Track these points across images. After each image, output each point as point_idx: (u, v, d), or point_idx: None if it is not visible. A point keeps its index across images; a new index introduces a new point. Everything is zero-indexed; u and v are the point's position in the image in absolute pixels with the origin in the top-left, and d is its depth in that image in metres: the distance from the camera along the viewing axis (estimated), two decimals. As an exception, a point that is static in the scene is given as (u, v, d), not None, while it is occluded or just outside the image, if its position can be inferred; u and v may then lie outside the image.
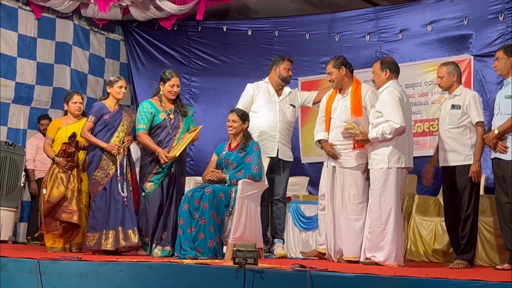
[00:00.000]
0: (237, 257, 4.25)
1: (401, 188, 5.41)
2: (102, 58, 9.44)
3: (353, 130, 5.47)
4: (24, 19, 8.34)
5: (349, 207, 5.65)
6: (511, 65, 5.26)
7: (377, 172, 5.39)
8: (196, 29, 9.27)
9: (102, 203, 5.97)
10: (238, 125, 5.92)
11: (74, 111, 6.62)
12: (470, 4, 7.44)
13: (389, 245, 5.28)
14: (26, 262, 4.91)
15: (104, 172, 6.01)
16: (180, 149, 5.84)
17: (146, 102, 6.12)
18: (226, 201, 5.61)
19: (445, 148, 5.61)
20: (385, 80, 5.54)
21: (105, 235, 5.90)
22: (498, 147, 5.16)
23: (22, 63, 8.31)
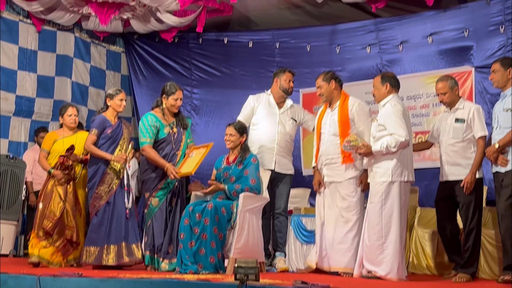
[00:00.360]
0: (238, 273, 4.22)
1: (405, 201, 5.40)
2: (103, 71, 9.45)
3: (355, 143, 5.47)
4: (25, 32, 8.36)
5: (341, 219, 5.68)
6: (509, 78, 5.26)
7: (378, 185, 5.38)
8: (197, 41, 9.27)
9: (104, 217, 5.95)
10: (236, 139, 5.93)
11: (70, 124, 6.49)
12: (471, 15, 7.44)
13: (390, 259, 5.26)
14: (27, 278, 4.87)
15: (108, 186, 5.99)
16: (195, 166, 5.77)
17: (150, 115, 6.08)
18: (228, 215, 5.60)
19: (448, 162, 5.60)
20: (385, 94, 5.55)
21: (106, 250, 5.87)
22: (499, 160, 5.17)
23: (23, 76, 8.32)
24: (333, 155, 5.78)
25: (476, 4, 7.44)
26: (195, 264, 5.41)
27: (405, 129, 5.30)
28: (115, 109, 6.17)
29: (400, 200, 5.34)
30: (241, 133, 5.94)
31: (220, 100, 8.87)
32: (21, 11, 8.28)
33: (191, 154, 5.96)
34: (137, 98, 9.49)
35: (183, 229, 5.57)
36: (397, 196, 5.32)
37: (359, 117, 5.74)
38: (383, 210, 5.32)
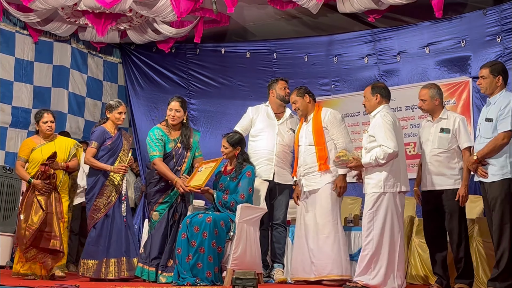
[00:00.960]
0: (236, 285, 4.20)
1: (399, 211, 5.40)
2: (100, 81, 9.44)
3: (345, 158, 5.54)
4: (22, 43, 8.35)
5: (317, 226, 5.80)
6: (497, 85, 5.22)
7: (370, 196, 5.41)
8: (194, 52, 9.26)
9: (103, 230, 5.92)
10: (229, 151, 5.92)
11: (46, 131, 6.26)
12: (467, 26, 7.45)
13: (383, 270, 5.25)
14: (23, 290, 4.85)
15: (107, 199, 5.97)
16: (205, 180, 5.73)
17: (156, 129, 6.09)
18: (227, 228, 5.58)
19: (432, 171, 5.58)
20: (376, 105, 5.57)
21: (105, 263, 5.83)
22: (479, 171, 5.14)
23: (19, 87, 8.30)
24: (310, 164, 5.95)
25: (473, 15, 7.44)
26: (193, 277, 5.37)
27: (393, 141, 5.29)
28: (114, 122, 6.16)
29: (393, 211, 5.34)
30: (234, 146, 5.91)
31: (218, 111, 8.85)
32: (17, 22, 8.26)
33: (199, 169, 5.93)
34: (134, 109, 9.46)
35: (180, 244, 5.54)
36: (389, 207, 5.33)
37: (331, 125, 5.93)
38: (374, 221, 5.34)
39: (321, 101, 8.08)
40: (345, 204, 7.07)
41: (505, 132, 5.01)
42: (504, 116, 5.03)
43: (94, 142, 6.04)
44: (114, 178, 6.02)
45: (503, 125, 5.02)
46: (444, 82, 7.45)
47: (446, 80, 7.52)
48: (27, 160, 6.23)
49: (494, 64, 5.34)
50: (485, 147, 5.09)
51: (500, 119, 5.05)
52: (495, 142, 5.03)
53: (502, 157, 5.05)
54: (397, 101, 7.87)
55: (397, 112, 7.86)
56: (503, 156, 5.05)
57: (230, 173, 5.91)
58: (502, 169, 5.04)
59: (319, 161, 5.87)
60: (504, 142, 5.01)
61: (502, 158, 5.05)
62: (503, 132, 5.00)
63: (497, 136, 5.03)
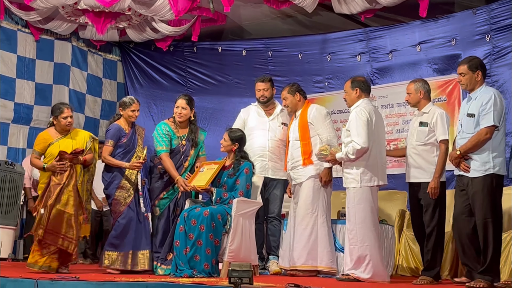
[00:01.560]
0: (232, 277, 4.21)
1: (375, 204, 5.47)
2: (100, 78, 9.44)
3: (325, 152, 5.63)
4: (23, 41, 8.34)
5: (297, 217, 5.90)
6: (477, 80, 5.19)
7: (350, 190, 5.46)
8: (192, 50, 9.27)
9: (129, 223, 5.86)
10: (227, 145, 5.94)
11: (65, 127, 5.96)
12: (458, 25, 7.47)
13: (371, 262, 5.30)
14: (25, 282, 4.84)
15: (127, 192, 5.93)
16: (208, 180, 5.75)
17: (163, 124, 6.14)
18: (223, 221, 5.60)
19: (412, 164, 5.60)
20: (355, 99, 5.59)
21: (132, 255, 5.83)
22: (461, 166, 5.13)
23: (21, 84, 8.30)
24: (296, 158, 6.02)
25: (463, 14, 7.46)
26: (190, 269, 5.40)
27: (363, 137, 5.32)
28: (126, 119, 6.10)
29: (371, 204, 5.40)
30: (233, 142, 5.92)
31: (216, 107, 8.86)
32: (19, 20, 8.26)
33: (201, 169, 5.94)
34: (133, 106, 9.46)
35: (178, 237, 5.57)
36: (368, 200, 5.39)
37: (316, 120, 5.99)
38: (356, 215, 5.38)
39: (315, 98, 8.15)
40: (338, 197, 7.10)
41: (488, 128, 4.99)
42: (486, 112, 5.01)
43: (110, 140, 5.96)
44: (130, 172, 5.97)
45: (485, 121, 5.00)
46: (435, 80, 7.48)
47: (437, 78, 7.54)
48: (42, 154, 5.96)
49: (472, 60, 5.29)
50: (468, 142, 5.06)
51: (482, 114, 5.03)
52: (478, 137, 5.01)
53: (485, 153, 5.03)
54: (389, 98, 7.90)
55: (389, 108, 7.91)
56: (485, 152, 5.03)
57: (228, 169, 5.93)
58: (485, 165, 5.02)
59: (303, 155, 5.94)
60: (487, 137, 5.00)
61: (484, 154, 5.03)
62: (486, 128, 4.99)
63: (480, 131, 5.01)
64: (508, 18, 7.00)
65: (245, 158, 5.98)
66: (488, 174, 5.01)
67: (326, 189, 5.96)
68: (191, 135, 6.15)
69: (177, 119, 6.12)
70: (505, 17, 7.03)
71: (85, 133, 6.13)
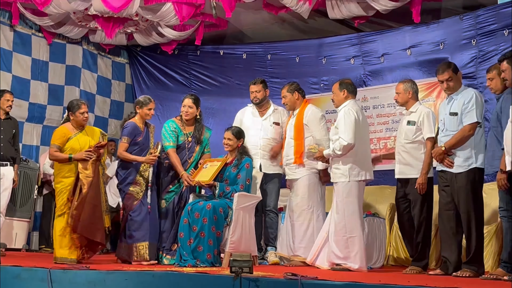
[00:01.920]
0: (233, 266, 4.22)
1: (361, 198, 5.50)
2: (109, 80, 9.43)
3: (313, 150, 5.66)
4: (37, 45, 8.33)
5: (294, 213, 5.88)
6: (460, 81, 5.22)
7: (338, 185, 5.47)
8: (196, 53, 9.25)
9: (143, 216, 5.85)
10: (233, 143, 5.93)
11: (82, 122, 5.89)
12: (446, 30, 7.46)
13: (359, 252, 5.32)
14: (39, 271, 4.85)
15: (140, 188, 5.91)
16: (212, 176, 5.75)
17: (170, 122, 6.18)
18: (225, 214, 5.61)
19: (400, 161, 5.59)
20: (343, 100, 5.60)
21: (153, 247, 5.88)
22: (445, 162, 5.14)
23: (35, 85, 8.29)
24: (290, 156, 5.98)
25: (451, 20, 7.45)
26: (194, 259, 5.41)
27: (350, 134, 5.33)
28: (142, 117, 6.07)
29: (359, 198, 5.43)
30: (238, 138, 5.94)
31: (218, 108, 8.84)
32: (33, 25, 8.25)
33: (204, 165, 5.94)
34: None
35: (182, 229, 5.58)
36: (356, 194, 5.41)
37: (311, 123, 5.95)
38: (345, 208, 5.39)
39: (310, 98, 8.10)
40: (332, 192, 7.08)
41: (471, 124, 5.02)
42: (469, 110, 5.04)
43: (126, 137, 5.92)
44: (144, 169, 5.94)
45: (468, 118, 5.02)
46: (424, 82, 7.47)
47: (426, 80, 7.53)
48: (61, 148, 5.80)
49: (451, 64, 5.33)
50: (452, 138, 5.08)
51: (465, 112, 5.05)
52: (462, 134, 5.04)
53: (467, 149, 5.06)
54: (380, 99, 7.89)
55: (379, 108, 7.90)
56: (468, 148, 5.06)
57: (230, 164, 5.93)
58: (468, 160, 5.04)
59: (295, 154, 5.91)
60: (470, 134, 5.03)
61: (467, 150, 5.06)
62: (469, 124, 5.01)
63: (464, 128, 5.03)
64: (493, 24, 7.00)
65: (246, 153, 5.98)
66: (471, 169, 5.04)
67: (320, 185, 5.95)
68: (196, 132, 6.15)
69: (184, 118, 6.15)
70: (490, 23, 7.03)
71: (97, 130, 6.11)
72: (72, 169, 5.77)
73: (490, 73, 5.09)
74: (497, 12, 6.95)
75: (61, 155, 5.76)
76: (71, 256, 5.60)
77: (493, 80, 5.04)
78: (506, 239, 4.72)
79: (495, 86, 5.04)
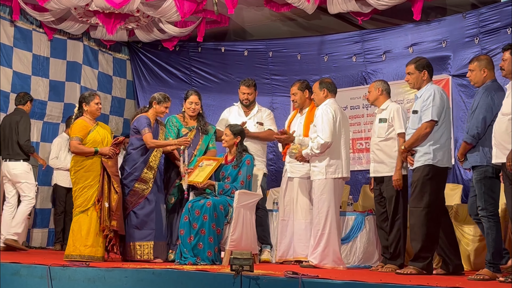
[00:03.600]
0: (234, 264, 4.20)
1: (338, 196, 5.54)
2: (110, 76, 9.39)
3: (295, 151, 5.74)
4: (38, 40, 8.29)
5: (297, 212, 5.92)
6: (423, 79, 5.18)
7: (316, 182, 5.51)
8: (197, 50, 9.22)
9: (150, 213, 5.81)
10: (230, 139, 5.90)
11: (96, 112, 5.88)
12: (448, 28, 7.44)
13: (324, 249, 5.36)
14: (38, 268, 4.84)
15: (145, 184, 5.86)
16: (206, 177, 5.73)
17: (171, 117, 6.26)
18: (225, 212, 5.59)
19: (374, 159, 5.61)
20: (323, 99, 5.67)
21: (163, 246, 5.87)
22: (408, 160, 5.16)
23: (36, 81, 8.25)
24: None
25: (453, 18, 7.43)
26: (194, 257, 5.39)
27: (327, 132, 5.39)
28: (157, 114, 6.04)
29: (335, 195, 5.46)
30: (235, 135, 5.91)
31: (218, 105, 8.76)
32: (34, 21, 8.21)
33: (200, 164, 5.92)
34: (140, 102, 9.44)
35: (182, 226, 5.57)
36: (332, 192, 5.44)
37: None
38: (319, 204, 5.44)
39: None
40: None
41: (428, 122, 5.00)
42: (426, 107, 5.03)
43: (147, 128, 5.85)
44: (153, 165, 5.90)
45: (425, 116, 5.02)
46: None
47: (428, 78, 7.49)
48: (83, 140, 5.76)
49: (419, 60, 5.30)
50: (411, 137, 5.10)
51: (423, 110, 5.05)
52: (418, 132, 5.03)
53: (426, 145, 5.04)
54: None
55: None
56: (427, 144, 5.04)
57: (231, 162, 5.91)
58: (424, 156, 5.02)
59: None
60: (427, 132, 5.01)
61: (425, 146, 5.04)
62: (426, 122, 5.00)
63: (420, 126, 5.03)
64: (496, 22, 6.98)
65: (245, 150, 5.96)
66: (426, 164, 5.01)
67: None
68: (200, 124, 6.19)
69: (190, 114, 6.20)
70: (493, 21, 7.01)
71: (106, 125, 6.14)
72: (95, 162, 5.73)
73: (471, 64, 5.00)
74: (500, 10, 6.94)
75: (86, 148, 5.70)
76: (98, 254, 5.60)
77: (473, 72, 4.95)
78: (488, 239, 4.67)
79: (474, 79, 4.95)
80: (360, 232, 6.16)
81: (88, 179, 5.70)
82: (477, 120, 4.71)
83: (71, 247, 5.61)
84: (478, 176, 4.73)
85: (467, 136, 4.78)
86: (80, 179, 5.73)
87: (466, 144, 4.80)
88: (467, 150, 4.81)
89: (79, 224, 5.63)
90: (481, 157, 4.73)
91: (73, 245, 5.60)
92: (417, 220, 4.98)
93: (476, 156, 4.75)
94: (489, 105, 4.71)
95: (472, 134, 4.73)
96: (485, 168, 4.69)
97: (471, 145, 4.76)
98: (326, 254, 5.36)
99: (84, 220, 5.63)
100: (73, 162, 5.82)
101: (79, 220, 5.65)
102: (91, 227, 5.62)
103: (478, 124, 4.70)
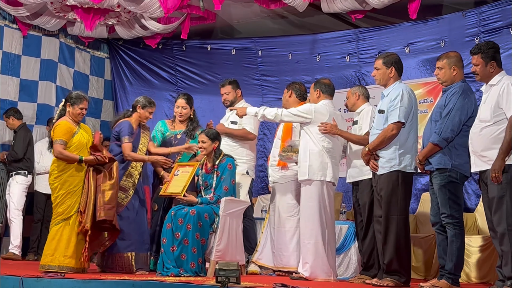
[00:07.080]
0: (219, 276, 4.22)
1: (328, 202, 5.49)
2: (87, 75, 9.38)
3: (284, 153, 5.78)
4: (10, 37, 8.26)
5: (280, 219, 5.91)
6: (390, 76, 5.17)
7: (302, 185, 5.56)
8: (181, 48, 9.24)
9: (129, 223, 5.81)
10: (208, 145, 5.85)
11: (78, 117, 5.74)
12: (447, 27, 7.50)
13: (313, 261, 5.37)
14: (10, 279, 4.83)
15: (125, 193, 5.87)
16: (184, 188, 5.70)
17: (159, 122, 6.42)
18: (211, 221, 5.60)
19: (349, 164, 5.66)
20: (316, 100, 5.73)
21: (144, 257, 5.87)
22: (370, 164, 5.13)
23: (6, 80, 8.20)
24: (275, 157, 5.99)
25: (453, 16, 7.48)
26: (177, 268, 5.39)
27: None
28: (141, 118, 6.06)
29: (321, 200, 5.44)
30: (213, 140, 5.87)
31: (205, 107, 8.74)
32: (7, 16, 8.19)
33: (176, 172, 5.91)
34: (121, 104, 9.43)
35: (165, 234, 5.57)
36: (318, 196, 5.44)
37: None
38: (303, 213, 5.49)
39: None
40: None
41: (394, 124, 4.96)
42: (393, 108, 4.99)
43: (127, 137, 5.87)
44: (133, 172, 5.93)
45: (392, 117, 4.98)
46: (423, 81, 7.53)
47: (425, 79, 7.56)
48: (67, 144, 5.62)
49: (388, 55, 5.28)
50: (376, 138, 5.05)
51: (390, 110, 5.01)
52: (384, 134, 4.99)
53: (391, 149, 5.01)
54: (376, 99, 7.87)
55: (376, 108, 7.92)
56: (392, 147, 5.01)
57: (211, 170, 5.89)
58: (390, 162, 5.00)
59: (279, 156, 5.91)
60: (393, 134, 4.97)
61: (390, 150, 5.01)
62: (392, 124, 4.96)
63: (386, 128, 4.99)
64: (498, 21, 7.04)
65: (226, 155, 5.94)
66: (393, 170, 5.00)
67: None
68: (187, 129, 6.29)
69: (178, 119, 6.33)
70: (495, 20, 7.07)
71: (88, 128, 6.01)
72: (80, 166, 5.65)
73: (440, 61, 4.95)
74: (503, 9, 6.99)
75: (71, 155, 5.57)
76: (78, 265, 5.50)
77: (442, 70, 4.91)
78: (452, 248, 4.68)
79: (443, 77, 4.91)
80: (354, 242, 6.17)
81: (72, 184, 5.59)
82: (453, 123, 4.69)
83: (49, 257, 5.48)
84: (442, 180, 4.72)
85: (438, 139, 4.71)
86: (63, 184, 5.60)
87: (435, 146, 4.74)
88: (433, 152, 4.77)
89: (59, 233, 5.51)
90: (446, 160, 4.73)
91: (52, 255, 5.48)
92: (391, 228, 4.95)
93: (440, 158, 4.74)
94: (464, 108, 4.71)
95: (446, 137, 4.70)
96: (449, 173, 4.69)
97: (440, 148, 4.73)
98: (316, 266, 5.35)
99: (65, 229, 5.52)
100: (55, 165, 5.66)
101: (59, 229, 5.53)
102: (71, 236, 5.50)
103: (454, 128, 4.69)
